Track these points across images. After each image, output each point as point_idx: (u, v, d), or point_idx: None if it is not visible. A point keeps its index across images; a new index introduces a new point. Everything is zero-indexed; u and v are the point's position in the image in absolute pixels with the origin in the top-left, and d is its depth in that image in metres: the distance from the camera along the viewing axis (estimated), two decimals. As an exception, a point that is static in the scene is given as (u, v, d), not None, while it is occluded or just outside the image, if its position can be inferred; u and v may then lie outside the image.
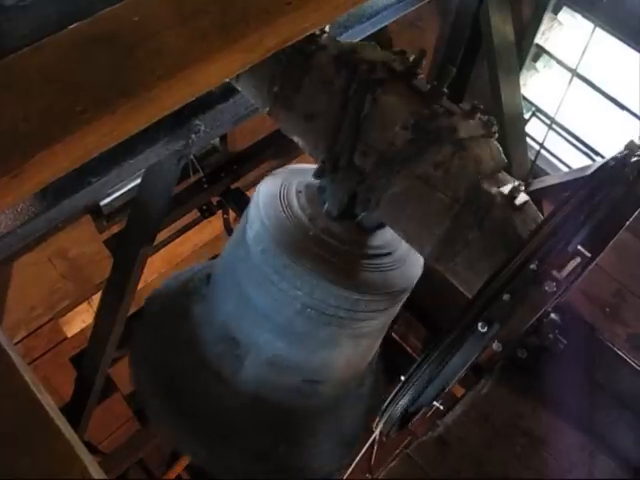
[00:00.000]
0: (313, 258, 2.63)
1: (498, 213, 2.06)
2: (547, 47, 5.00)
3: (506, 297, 1.80)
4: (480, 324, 1.82)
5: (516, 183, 2.13)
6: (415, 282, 2.87)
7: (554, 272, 1.77)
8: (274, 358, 3.11)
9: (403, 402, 2.03)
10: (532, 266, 1.78)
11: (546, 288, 1.78)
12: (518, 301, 1.80)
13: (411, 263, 2.86)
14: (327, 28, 2.48)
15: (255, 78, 2.43)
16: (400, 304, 2.97)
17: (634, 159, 1.89)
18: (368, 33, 3.17)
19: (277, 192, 2.84)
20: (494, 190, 2.10)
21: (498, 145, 2.27)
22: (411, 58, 2.39)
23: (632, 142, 1.95)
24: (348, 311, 2.75)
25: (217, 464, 3.47)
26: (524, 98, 4.99)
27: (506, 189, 2.10)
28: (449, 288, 2.28)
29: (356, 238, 2.71)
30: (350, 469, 3.71)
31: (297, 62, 2.34)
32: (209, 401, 3.35)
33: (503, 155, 2.25)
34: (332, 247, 2.65)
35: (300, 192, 2.82)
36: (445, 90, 2.29)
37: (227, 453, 3.43)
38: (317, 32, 2.41)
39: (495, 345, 1.86)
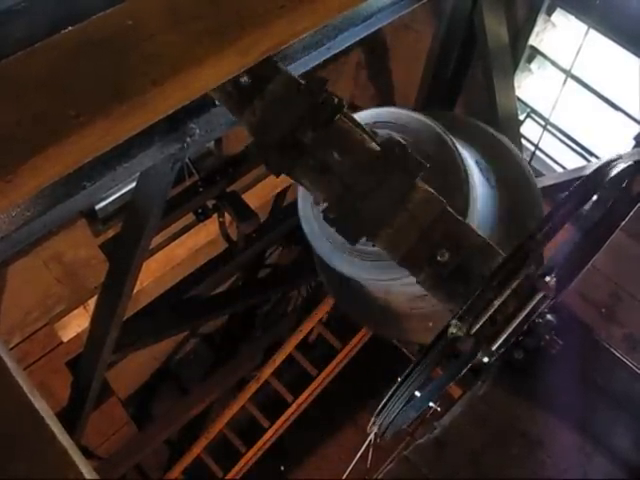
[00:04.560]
0: (350, 264, 2.71)
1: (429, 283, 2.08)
2: (541, 48, 5.01)
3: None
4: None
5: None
6: None
7: (484, 346, 1.86)
8: None
9: (398, 404, 2.03)
10: (451, 332, 1.85)
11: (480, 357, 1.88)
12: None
13: None
14: None
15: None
16: None
17: (627, 163, 1.90)
18: (362, 35, 3.17)
19: (310, 200, 2.85)
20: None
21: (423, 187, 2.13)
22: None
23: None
24: None
25: None
26: (519, 99, 5.01)
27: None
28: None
29: None
30: (347, 471, 3.71)
31: None
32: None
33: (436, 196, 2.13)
34: (362, 251, 2.68)
35: None
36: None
37: None
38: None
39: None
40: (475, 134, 3.22)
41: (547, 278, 1.87)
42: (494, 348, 1.85)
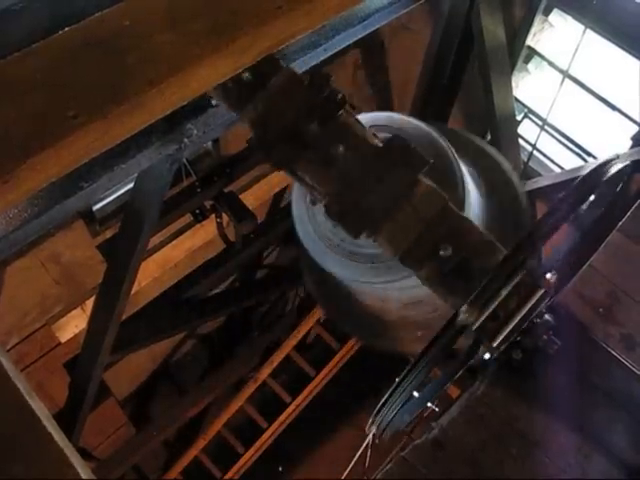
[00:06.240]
0: (345, 267, 2.68)
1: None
2: (538, 49, 5.01)
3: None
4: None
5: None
6: None
7: (486, 342, 1.88)
8: None
9: (397, 404, 2.03)
10: (460, 320, 1.87)
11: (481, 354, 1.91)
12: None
13: None
14: None
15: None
16: None
17: (625, 163, 1.90)
18: (360, 36, 3.17)
19: (304, 200, 2.84)
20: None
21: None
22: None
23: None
24: None
25: None
26: (516, 100, 5.01)
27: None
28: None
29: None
30: (346, 472, 3.71)
31: None
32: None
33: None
34: (358, 254, 2.67)
35: None
36: None
37: None
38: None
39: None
40: (463, 144, 3.24)
41: (548, 275, 1.87)
42: (496, 344, 1.87)
